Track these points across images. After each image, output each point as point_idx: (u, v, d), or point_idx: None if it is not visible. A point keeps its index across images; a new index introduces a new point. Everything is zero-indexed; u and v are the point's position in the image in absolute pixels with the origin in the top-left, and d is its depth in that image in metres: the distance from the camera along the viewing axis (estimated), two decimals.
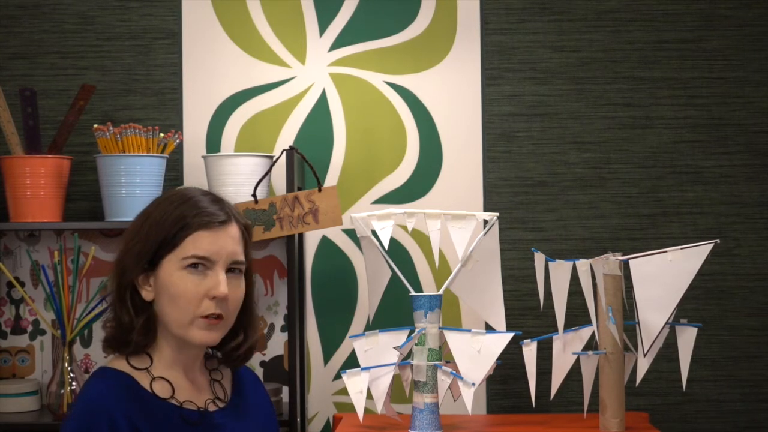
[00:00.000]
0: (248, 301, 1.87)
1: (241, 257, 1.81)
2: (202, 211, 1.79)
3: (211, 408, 1.84)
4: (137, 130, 2.60)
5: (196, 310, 1.76)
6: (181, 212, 1.79)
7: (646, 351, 2.29)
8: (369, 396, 2.27)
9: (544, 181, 2.84)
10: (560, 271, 2.36)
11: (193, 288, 1.75)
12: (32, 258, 2.69)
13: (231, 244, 1.79)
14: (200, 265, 1.76)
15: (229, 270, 1.80)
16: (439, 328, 2.26)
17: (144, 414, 1.74)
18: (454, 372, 2.22)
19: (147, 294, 1.80)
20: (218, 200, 1.84)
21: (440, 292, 2.29)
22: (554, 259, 2.37)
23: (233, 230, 1.81)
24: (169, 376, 1.81)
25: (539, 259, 2.38)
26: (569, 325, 2.39)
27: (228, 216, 1.81)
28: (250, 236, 1.87)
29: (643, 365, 2.33)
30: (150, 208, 1.83)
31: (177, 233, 1.77)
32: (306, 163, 2.65)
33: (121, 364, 1.80)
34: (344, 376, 2.28)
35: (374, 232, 2.35)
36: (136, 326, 1.78)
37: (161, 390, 1.80)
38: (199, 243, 1.76)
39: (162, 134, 2.65)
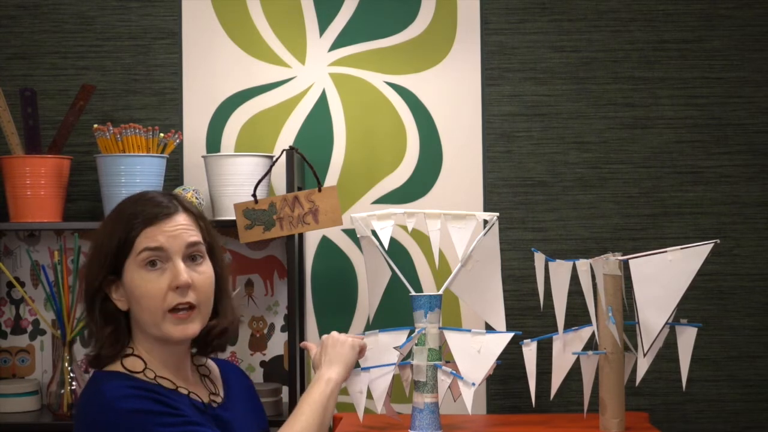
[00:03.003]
0: (221, 283, 1.86)
1: (196, 238, 1.81)
2: (147, 207, 1.79)
3: (212, 404, 1.84)
4: (137, 130, 2.59)
5: (162, 305, 1.75)
6: (128, 214, 1.79)
7: (646, 351, 2.29)
8: (369, 396, 2.27)
9: (544, 181, 2.84)
10: (560, 271, 2.36)
11: (155, 284, 1.75)
12: (32, 258, 2.69)
13: (181, 231, 1.79)
14: (157, 261, 1.76)
15: (190, 258, 1.80)
16: (439, 328, 2.26)
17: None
18: (454, 372, 2.22)
19: (121, 304, 1.80)
20: (167, 195, 1.85)
21: (440, 292, 2.29)
22: (554, 259, 2.37)
23: (181, 218, 1.81)
24: (165, 375, 1.81)
25: (539, 259, 2.38)
26: (569, 325, 2.39)
27: (175, 207, 1.82)
28: (205, 223, 1.87)
29: (643, 365, 2.32)
30: (108, 216, 1.85)
31: (128, 235, 1.77)
32: (306, 163, 2.65)
33: (116, 367, 1.79)
34: None
35: (374, 232, 2.34)
36: (103, 336, 1.78)
37: (165, 384, 1.79)
38: (150, 237, 1.76)
39: (162, 134, 2.65)
